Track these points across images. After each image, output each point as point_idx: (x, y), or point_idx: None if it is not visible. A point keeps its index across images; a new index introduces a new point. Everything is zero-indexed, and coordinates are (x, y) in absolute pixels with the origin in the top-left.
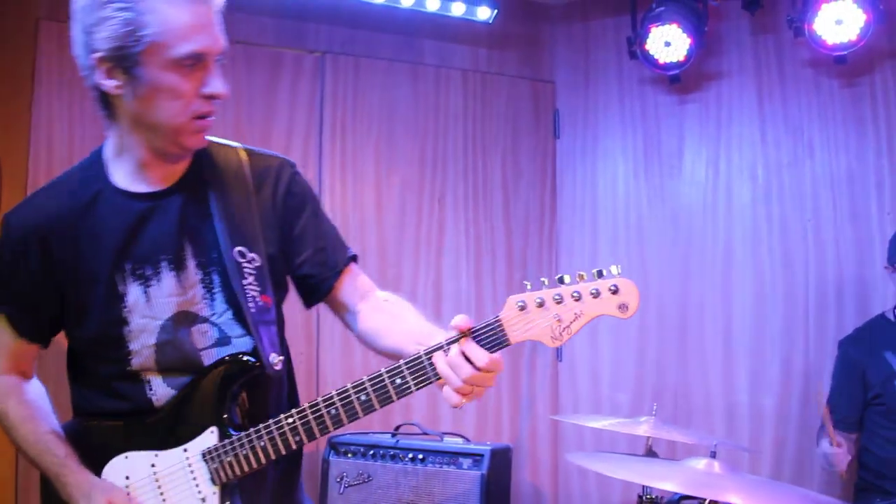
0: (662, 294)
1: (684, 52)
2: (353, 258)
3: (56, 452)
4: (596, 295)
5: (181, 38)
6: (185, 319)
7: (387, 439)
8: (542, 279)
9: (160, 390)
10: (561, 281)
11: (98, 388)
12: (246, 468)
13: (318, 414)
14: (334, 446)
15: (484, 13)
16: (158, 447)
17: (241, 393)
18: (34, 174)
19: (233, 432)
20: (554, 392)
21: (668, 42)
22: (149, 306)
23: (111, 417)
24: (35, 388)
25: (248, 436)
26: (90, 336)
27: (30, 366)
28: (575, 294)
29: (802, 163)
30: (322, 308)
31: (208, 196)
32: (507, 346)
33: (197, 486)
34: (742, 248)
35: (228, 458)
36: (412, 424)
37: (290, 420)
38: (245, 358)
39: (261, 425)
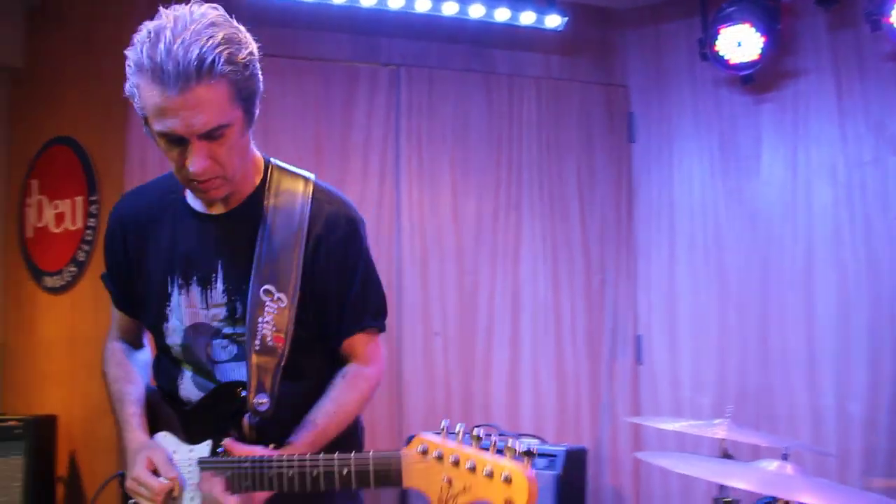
0: (742, 296)
1: (757, 52)
2: (365, 329)
3: (126, 410)
4: (489, 476)
5: (154, 116)
6: (206, 331)
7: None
8: (458, 427)
9: (187, 382)
10: (477, 438)
11: (159, 368)
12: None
13: (259, 469)
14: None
15: (554, 21)
16: (181, 439)
17: (238, 419)
18: (130, 187)
19: (221, 451)
20: (634, 395)
21: (740, 42)
22: (180, 311)
23: (162, 394)
24: (139, 356)
25: (226, 461)
26: (146, 323)
27: (136, 337)
28: (470, 465)
29: (885, 160)
30: (407, 345)
31: (258, 229)
32: (398, 485)
33: (192, 485)
34: (824, 248)
35: (209, 474)
36: (490, 426)
37: (246, 464)
38: (236, 391)
39: (231, 458)
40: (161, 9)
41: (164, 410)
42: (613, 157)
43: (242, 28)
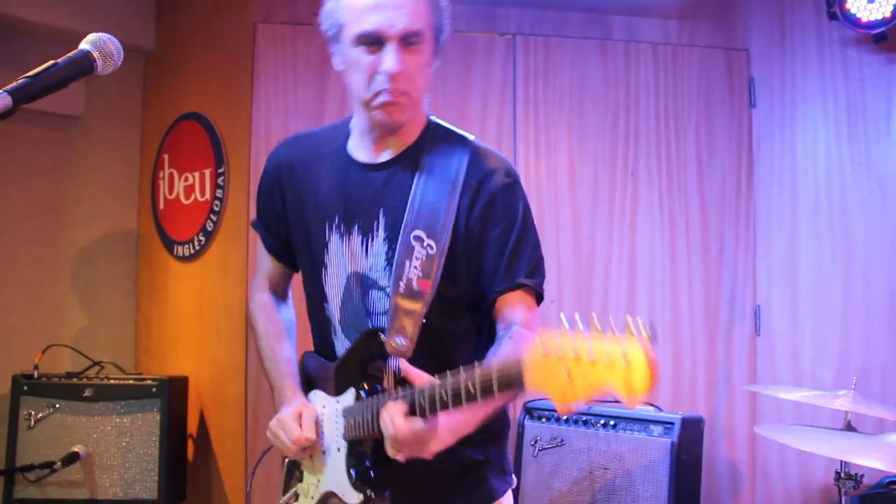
0: (869, 266)
1: (891, 8)
2: (518, 286)
3: (281, 370)
4: (609, 364)
5: (357, 18)
6: (364, 282)
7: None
8: (575, 315)
9: (339, 342)
10: (598, 325)
11: (315, 332)
12: (363, 433)
13: (409, 398)
14: (529, 411)
15: None
16: (329, 393)
17: (381, 364)
18: (256, 159)
19: (364, 396)
20: (752, 366)
21: None
22: (340, 258)
23: (318, 355)
24: (286, 312)
25: (366, 405)
26: (304, 270)
27: (283, 288)
28: (590, 355)
29: None
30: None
31: (415, 177)
32: (523, 390)
33: (337, 436)
34: None
35: (352, 420)
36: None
37: (392, 398)
38: (378, 334)
39: (374, 399)
40: None
41: (315, 370)
42: (733, 122)
43: None
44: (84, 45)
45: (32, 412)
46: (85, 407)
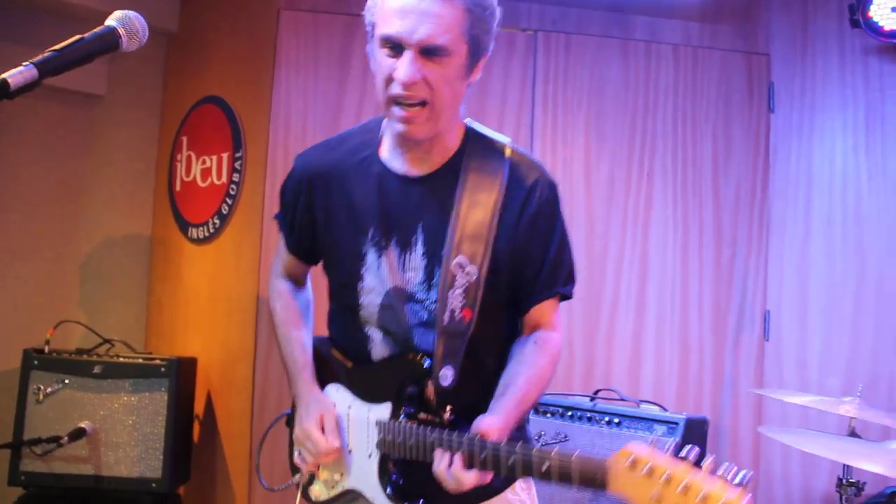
0: (882, 276)
1: None
2: (556, 295)
3: (297, 359)
4: (703, 501)
5: (384, 19)
6: (401, 295)
7: (585, 402)
8: (668, 442)
9: (377, 347)
10: (690, 459)
11: (338, 324)
12: (399, 454)
13: (450, 445)
14: (535, 406)
15: None
16: (358, 395)
17: (421, 387)
18: (274, 145)
19: (403, 417)
20: (759, 372)
21: None
22: (378, 272)
23: (335, 346)
24: (303, 297)
25: (407, 430)
26: (334, 279)
27: (301, 277)
28: (682, 487)
29: None
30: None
31: (455, 195)
32: (602, 489)
33: (368, 443)
34: None
35: (390, 437)
36: (611, 390)
37: (434, 437)
38: (421, 360)
39: (415, 427)
40: None
41: (335, 362)
42: (751, 127)
43: None
44: (110, 21)
45: (42, 387)
46: (94, 384)
